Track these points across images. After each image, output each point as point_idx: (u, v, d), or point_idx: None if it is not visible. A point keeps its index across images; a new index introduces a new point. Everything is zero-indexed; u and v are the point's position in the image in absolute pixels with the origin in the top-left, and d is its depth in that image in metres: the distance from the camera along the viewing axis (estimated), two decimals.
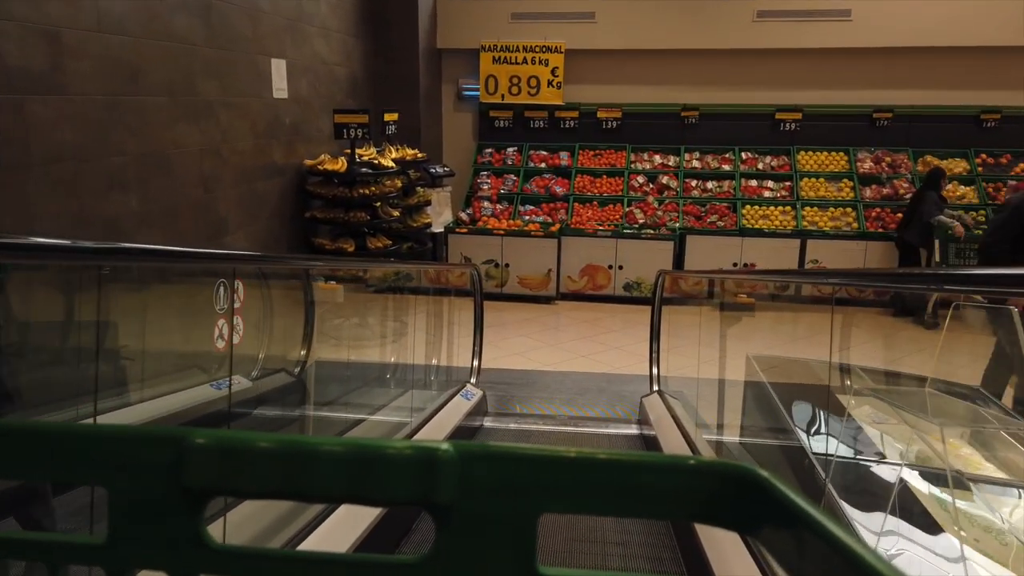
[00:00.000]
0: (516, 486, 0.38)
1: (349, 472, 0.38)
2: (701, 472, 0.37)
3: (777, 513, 0.35)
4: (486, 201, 8.67)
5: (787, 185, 8.52)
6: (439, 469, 0.37)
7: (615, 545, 2.94)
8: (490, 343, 6.68)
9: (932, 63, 8.41)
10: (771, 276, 4.73)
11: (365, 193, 6.26)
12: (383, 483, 0.37)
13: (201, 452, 0.38)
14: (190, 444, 0.38)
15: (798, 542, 0.33)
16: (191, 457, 0.38)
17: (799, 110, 8.68)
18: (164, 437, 0.39)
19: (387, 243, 6.55)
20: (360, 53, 7.96)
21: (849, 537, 0.31)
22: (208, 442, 0.38)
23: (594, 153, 8.99)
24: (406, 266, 5.56)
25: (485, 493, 0.38)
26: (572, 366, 6.26)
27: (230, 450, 0.38)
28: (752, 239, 8.08)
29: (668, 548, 2.90)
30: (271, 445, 0.38)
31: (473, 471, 0.38)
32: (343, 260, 4.52)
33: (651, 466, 0.38)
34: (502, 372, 6.04)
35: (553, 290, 8.13)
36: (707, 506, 0.37)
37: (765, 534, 0.35)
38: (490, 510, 0.38)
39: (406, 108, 8.40)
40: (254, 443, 0.38)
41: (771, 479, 0.36)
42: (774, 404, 3.41)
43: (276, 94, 5.94)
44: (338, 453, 0.38)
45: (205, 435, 0.39)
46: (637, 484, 0.37)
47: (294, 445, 0.38)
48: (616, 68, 8.99)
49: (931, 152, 8.48)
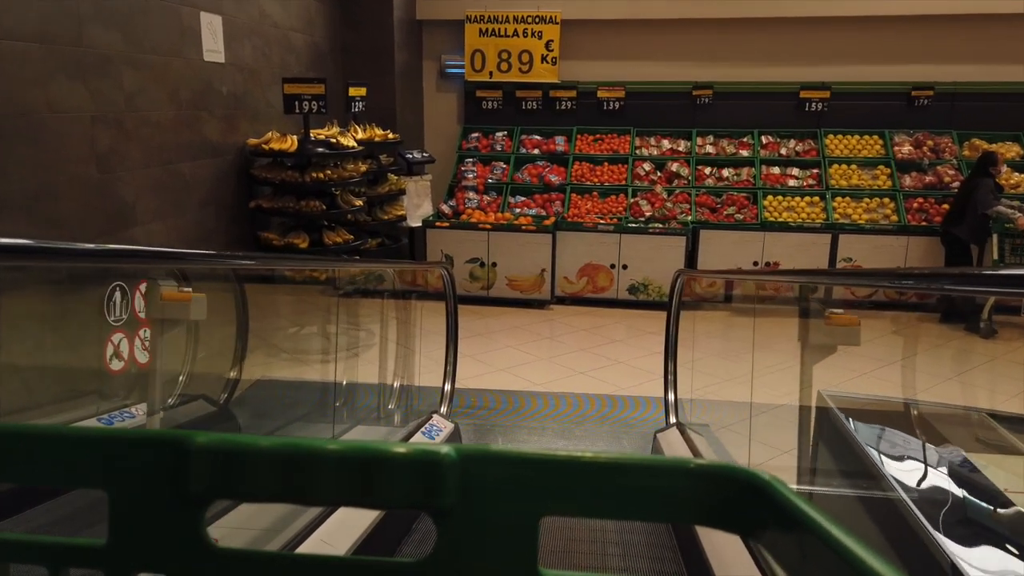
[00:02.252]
0: (517, 489, 0.38)
1: (350, 475, 0.38)
2: (703, 475, 0.38)
3: (779, 516, 0.35)
4: (471, 191, 7.62)
5: (814, 172, 7.48)
6: (440, 472, 0.38)
7: (615, 545, 2.84)
8: (472, 356, 5.63)
9: (978, 34, 7.36)
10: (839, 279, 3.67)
11: (319, 178, 5.21)
12: (384, 486, 0.38)
13: (202, 455, 0.39)
14: (191, 447, 0.39)
15: (800, 545, 0.33)
16: (192, 460, 0.39)
17: (827, 88, 7.63)
18: (164, 440, 0.40)
19: (348, 238, 5.50)
20: (325, 20, 6.91)
21: (852, 540, 0.31)
22: (209, 444, 0.39)
23: (594, 138, 7.95)
24: (353, 266, 4.51)
25: (486, 496, 0.38)
26: (568, 385, 5.21)
27: (231, 453, 0.39)
28: (775, 234, 7.03)
29: (668, 548, 2.79)
30: (272, 447, 0.39)
31: (474, 474, 0.38)
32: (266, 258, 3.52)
33: (653, 469, 0.38)
34: (484, 393, 4.99)
35: (547, 293, 7.08)
36: (710, 509, 0.37)
37: (767, 537, 0.36)
38: (491, 513, 0.38)
39: (379, 85, 7.35)
40: (255, 445, 0.39)
41: (773, 482, 0.36)
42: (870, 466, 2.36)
43: (208, 56, 4.89)
44: (339, 456, 0.38)
45: (206, 437, 0.39)
46: (639, 487, 0.38)
47: (295, 448, 0.39)
48: (619, 41, 7.95)
49: (978, 135, 7.43)
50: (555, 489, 0.38)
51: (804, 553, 0.33)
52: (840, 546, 0.31)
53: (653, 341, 6.16)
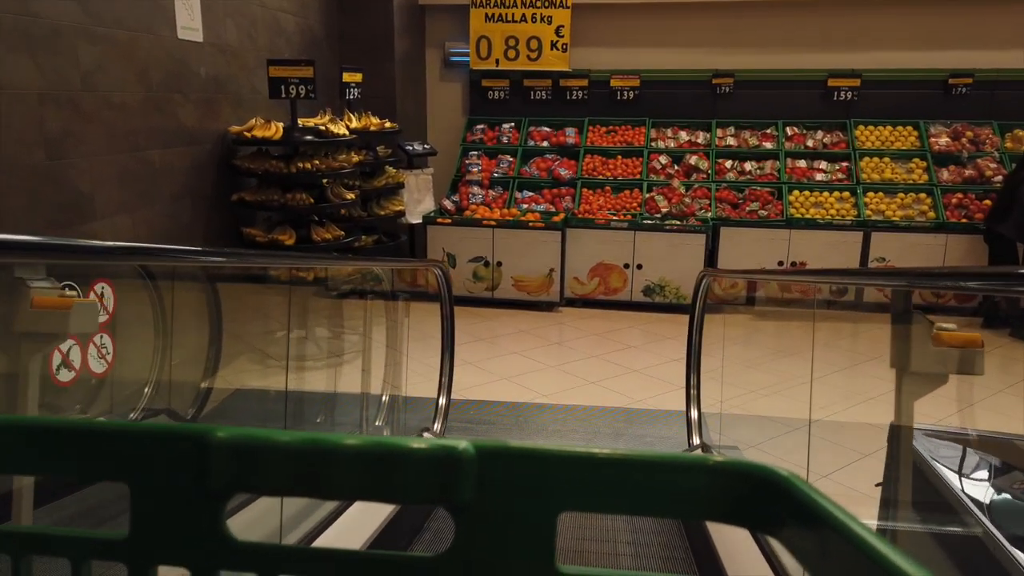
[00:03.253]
0: (535, 485, 0.38)
1: (369, 470, 0.38)
2: (722, 471, 0.38)
3: (800, 513, 0.35)
4: (476, 186, 7.16)
5: (844, 166, 6.96)
6: (458, 467, 0.38)
7: (626, 544, 2.82)
8: (473, 364, 5.18)
9: (1022, 17, 6.84)
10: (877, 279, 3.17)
11: (306, 168, 4.76)
12: (402, 481, 0.38)
13: (222, 449, 0.39)
14: (211, 441, 0.39)
15: (822, 542, 0.33)
16: (212, 454, 0.39)
17: (857, 75, 7.12)
18: (185, 434, 0.40)
19: (338, 234, 5.05)
20: (320, 3, 6.47)
21: (875, 537, 0.31)
22: (229, 439, 0.39)
23: (607, 129, 7.47)
24: (336, 264, 4.05)
25: (504, 491, 0.38)
26: (579, 396, 4.74)
27: (251, 448, 0.39)
28: (802, 232, 6.53)
29: (680, 548, 2.77)
30: (291, 442, 0.39)
31: (492, 470, 0.38)
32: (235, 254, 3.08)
33: (671, 465, 0.38)
34: (484, 406, 4.53)
35: (556, 295, 6.61)
36: (728, 506, 0.37)
37: (787, 534, 0.36)
38: (509, 508, 0.39)
39: (378, 73, 6.91)
40: (274, 440, 0.39)
41: (793, 479, 0.36)
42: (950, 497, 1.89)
43: (183, 34, 4.45)
44: (358, 451, 0.38)
45: (226, 432, 0.40)
46: (657, 483, 0.38)
47: (314, 442, 0.39)
48: (634, 26, 7.47)
49: (1021, 125, 6.90)
50: (573, 485, 0.38)
51: (825, 550, 0.33)
52: (863, 542, 0.31)
53: (671, 347, 5.67)
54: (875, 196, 6.69)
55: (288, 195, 4.82)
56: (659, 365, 5.27)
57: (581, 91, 7.56)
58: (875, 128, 7.12)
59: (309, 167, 4.75)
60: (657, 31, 7.44)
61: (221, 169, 4.95)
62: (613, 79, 7.48)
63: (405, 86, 7.27)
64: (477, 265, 6.64)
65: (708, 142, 7.28)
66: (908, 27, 7.05)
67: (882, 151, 6.95)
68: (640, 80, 7.44)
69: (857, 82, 7.12)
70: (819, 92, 7.22)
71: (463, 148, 7.52)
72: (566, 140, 7.37)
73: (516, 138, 7.54)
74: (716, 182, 6.96)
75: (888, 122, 7.10)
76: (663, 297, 6.58)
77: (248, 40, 5.25)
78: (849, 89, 7.15)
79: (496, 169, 7.33)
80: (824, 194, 6.74)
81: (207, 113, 4.78)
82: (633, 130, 7.41)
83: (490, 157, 7.46)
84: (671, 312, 6.54)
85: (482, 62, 7.59)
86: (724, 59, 7.35)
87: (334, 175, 5.00)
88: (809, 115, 7.25)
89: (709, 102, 7.40)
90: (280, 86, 4.89)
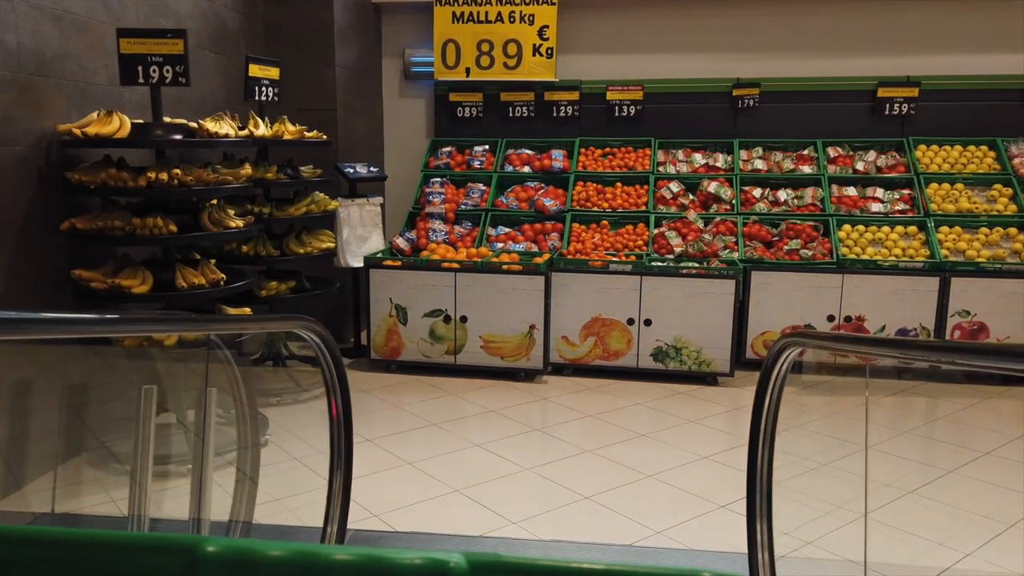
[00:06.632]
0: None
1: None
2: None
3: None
4: (438, 220, 5.64)
5: (906, 195, 5.49)
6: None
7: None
8: (413, 465, 3.60)
9: None
10: None
11: (163, 180, 3.23)
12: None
13: (212, 562, 0.40)
14: (201, 553, 0.40)
15: None
16: (202, 567, 0.40)
17: (915, 84, 5.71)
18: (176, 545, 0.42)
19: (217, 277, 3.49)
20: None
21: None
22: (220, 551, 0.40)
23: (603, 152, 6.02)
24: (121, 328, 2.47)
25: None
26: (565, 523, 3.13)
27: (242, 561, 0.40)
28: (858, 276, 5.01)
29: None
30: (283, 555, 0.40)
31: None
32: None
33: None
34: (425, 539, 2.91)
35: (538, 360, 5.02)
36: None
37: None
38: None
39: (314, 79, 5.48)
40: (266, 553, 0.40)
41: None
42: None
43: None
44: (349, 564, 0.40)
45: (216, 544, 0.41)
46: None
47: (306, 555, 0.40)
48: (635, 26, 6.08)
49: None
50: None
51: None
52: None
53: (697, 435, 4.08)
54: (950, 232, 5.18)
55: (137, 220, 3.28)
56: (682, 467, 3.66)
57: (571, 106, 6.13)
58: (940, 148, 5.67)
59: (166, 178, 3.22)
60: (664, 32, 6.05)
61: (49, 184, 3.43)
62: (610, 91, 6.05)
63: (351, 98, 5.83)
64: (435, 321, 5.08)
65: (730, 166, 5.82)
66: (974, 25, 5.67)
67: (953, 175, 5.48)
68: (643, 92, 6.02)
69: (915, 92, 5.71)
70: (867, 104, 5.80)
71: (424, 175, 6.04)
72: (552, 165, 5.89)
73: (491, 163, 6.07)
74: (743, 214, 5.46)
75: (957, 140, 5.66)
76: (679, 363, 5.01)
77: (105, 10, 3.79)
78: (904, 100, 5.73)
79: (465, 200, 5.84)
80: (884, 229, 5.23)
81: (27, 105, 3.29)
82: (635, 152, 5.96)
83: (457, 186, 5.98)
84: (690, 383, 4.96)
85: (449, 71, 6.17)
86: (747, 66, 5.94)
87: (211, 192, 3.47)
88: (856, 133, 5.81)
89: (730, 118, 5.96)
90: (136, 66, 3.41)
